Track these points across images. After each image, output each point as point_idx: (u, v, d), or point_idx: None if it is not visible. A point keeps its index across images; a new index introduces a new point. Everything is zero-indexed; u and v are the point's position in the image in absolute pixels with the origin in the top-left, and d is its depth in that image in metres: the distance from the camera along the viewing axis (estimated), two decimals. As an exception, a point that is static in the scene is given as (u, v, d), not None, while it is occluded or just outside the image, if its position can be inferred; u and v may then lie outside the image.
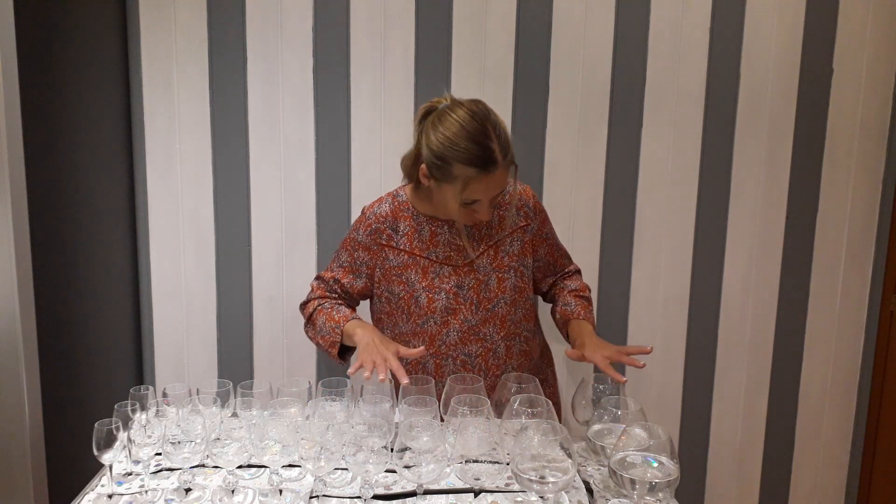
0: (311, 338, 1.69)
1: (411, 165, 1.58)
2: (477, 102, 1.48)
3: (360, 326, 1.56)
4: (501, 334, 1.61)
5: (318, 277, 1.71)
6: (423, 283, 1.59)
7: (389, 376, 1.38)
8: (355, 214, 2.13)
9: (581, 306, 1.69)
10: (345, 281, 1.66)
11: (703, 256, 2.17)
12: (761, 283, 2.18)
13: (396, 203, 1.63)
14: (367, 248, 1.62)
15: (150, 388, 1.35)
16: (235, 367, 2.21)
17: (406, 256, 1.60)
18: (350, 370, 1.43)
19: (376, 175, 2.12)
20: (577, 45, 2.06)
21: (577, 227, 2.14)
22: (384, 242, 1.61)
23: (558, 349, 1.86)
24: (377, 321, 1.70)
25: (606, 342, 1.54)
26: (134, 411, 1.26)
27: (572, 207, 2.13)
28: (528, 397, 1.30)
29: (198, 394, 1.34)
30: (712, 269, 2.18)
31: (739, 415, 2.24)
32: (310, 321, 1.68)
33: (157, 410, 1.31)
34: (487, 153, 1.41)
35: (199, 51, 2.06)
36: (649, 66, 2.07)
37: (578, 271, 1.79)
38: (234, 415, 1.32)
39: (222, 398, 1.36)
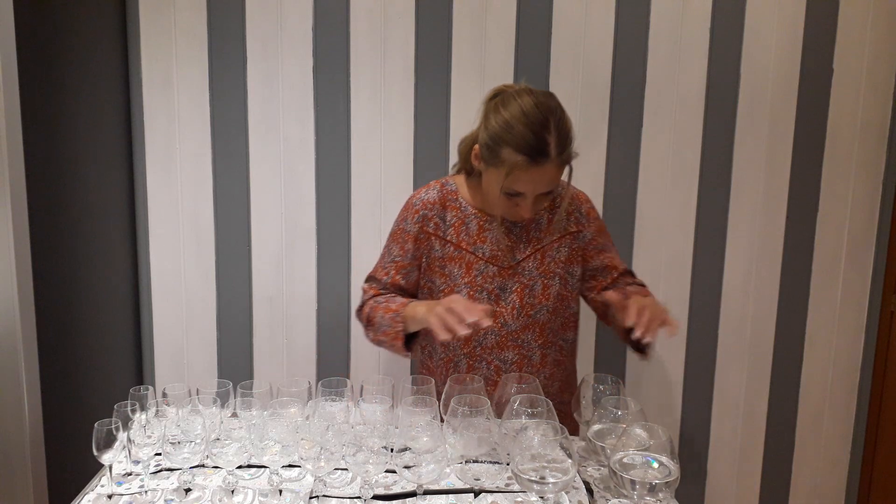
0: (373, 340, 1.57)
1: (467, 149, 1.52)
2: (548, 94, 1.42)
3: (422, 304, 1.46)
4: (539, 342, 1.56)
5: (369, 278, 1.62)
6: (466, 280, 1.53)
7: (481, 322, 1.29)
8: (355, 214, 2.13)
9: (643, 294, 1.56)
10: (398, 278, 1.57)
11: (704, 256, 2.17)
12: (761, 282, 2.18)
13: (445, 191, 1.57)
14: (415, 238, 1.55)
15: (150, 388, 1.35)
16: (235, 367, 2.21)
17: (451, 248, 1.54)
18: (441, 336, 1.31)
19: (376, 175, 2.12)
20: (577, 45, 2.06)
21: (577, 227, 2.14)
22: (431, 231, 1.55)
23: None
24: None
25: (656, 304, 1.39)
26: (134, 411, 1.26)
27: (572, 207, 2.13)
28: (529, 397, 1.30)
29: (197, 394, 1.34)
30: (712, 269, 2.17)
31: (739, 415, 2.24)
32: (369, 324, 1.56)
33: (157, 410, 1.31)
34: (541, 144, 1.35)
35: (198, 51, 2.06)
36: (649, 66, 2.07)
37: (642, 284, 1.66)
38: (234, 415, 1.32)
39: (222, 398, 1.36)
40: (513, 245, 1.54)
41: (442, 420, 1.31)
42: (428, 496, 1.23)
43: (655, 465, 1.15)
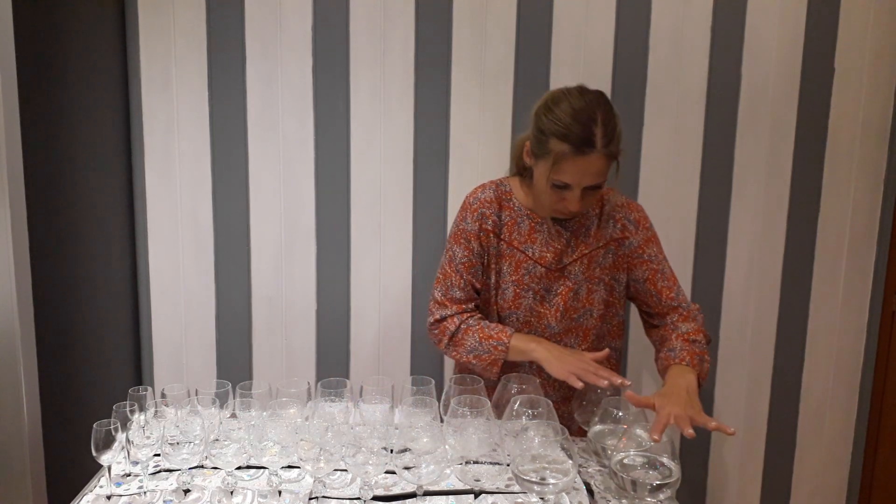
0: (454, 357, 1.58)
1: (519, 148, 1.55)
2: (598, 93, 1.46)
3: (534, 340, 1.49)
4: (583, 347, 1.58)
5: (443, 289, 1.58)
6: (513, 278, 1.56)
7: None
8: (355, 214, 2.13)
9: (688, 352, 1.48)
10: (469, 278, 1.57)
11: (704, 256, 2.16)
12: (762, 282, 2.18)
13: (500, 191, 1.60)
14: (476, 236, 1.57)
15: (149, 388, 1.35)
16: (234, 367, 2.21)
17: (504, 246, 1.57)
18: (629, 395, 1.33)
19: (376, 175, 2.11)
20: (577, 45, 2.05)
21: (577, 228, 2.14)
22: (490, 228, 1.57)
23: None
24: None
25: (689, 399, 1.34)
26: (132, 412, 1.25)
27: (573, 207, 2.13)
28: (529, 398, 1.30)
29: (196, 394, 1.34)
30: (713, 268, 2.17)
31: (740, 415, 2.24)
32: (452, 342, 1.56)
33: (156, 411, 1.30)
34: (586, 133, 1.37)
35: (198, 51, 2.06)
36: (650, 66, 2.06)
37: (698, 310, 1.60)
38: (233, 416, 1.32)
39: (221, 399, 1.35)
40: (561, 249, 1.56)
41: (442, 421, 1.30)
42: (428, 497, 1.23)
43: (656, 465, 1.14)
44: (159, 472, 1.32)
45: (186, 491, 1.25)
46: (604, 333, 1.60)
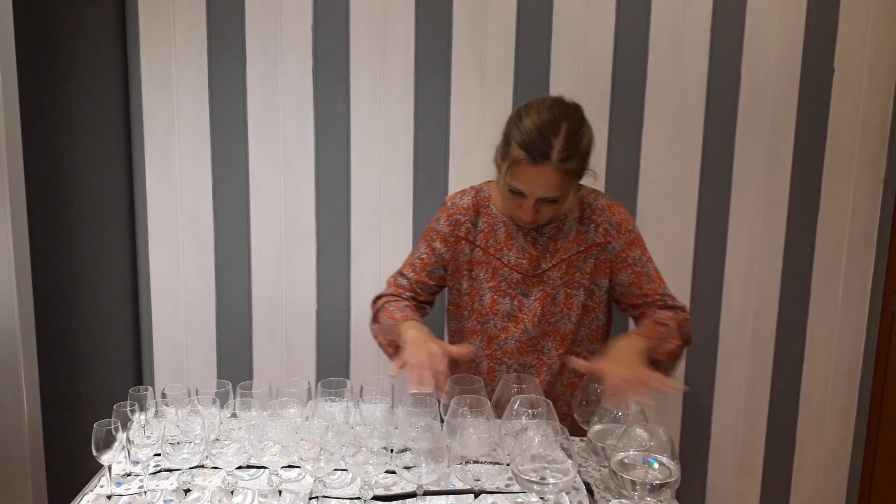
0: (374, 335, 1.62)
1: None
2: (574, 107, 1.43)
3: (414, 327, 1.48)
4: (560, 351, 1.58)
5: (396, 273, 1.66)
6: (490, 284, 1.57)
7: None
8: (355, 214, 2.13)
9: (650, 328, 1.48)
10: (422, 274, 1.61)
11: (704, 256, 2.16)
12: (762, 282, 2.18)
13: (479, 197, 1.61)
14: (444, 239, 1.60)
15: (150, 388, 1.35)
16: (234, 367, 2.21)
17: (480, 253, 1.58)
18: (392, 371, 1.35)
19: (376, 175, 2.11)
20: (577, 45, 2.05)
21: (577, 228, 2.14)
22: (462, 235, 1.59)
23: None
24: (447, 312, 1.69)
25: (637, 359, 1.34)
26: (133, 412, 1.25)
27: (572, 207, 2.13)
28: (529, 398, 1.30)
29: (197, 394, 1.34)
30: (713, 269, 2.17)
31: (740, 415, 2.24)
32: (375, 318, 1.62)
33: (157, 411, 1.30)
34: (543, 144, 1.36)
35: (198, 50, 2.06)
36: (650, 66, 2.06)
37: (683, 308, 1.56)
38: (234, 415, 1.32)
39: (221, 399, 1.35)
40: (539, 254, 1.56)
41: (442, 420, 1.30)
42: (428, 497, 1.23)
43: (656, 465, 1.15)
44: (160, 471, 1.32)
45: (187, 491, 1.25)
46: (582, 338, 1.59)
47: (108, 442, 1.19)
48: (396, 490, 1.26)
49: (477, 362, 1.62)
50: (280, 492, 1.23)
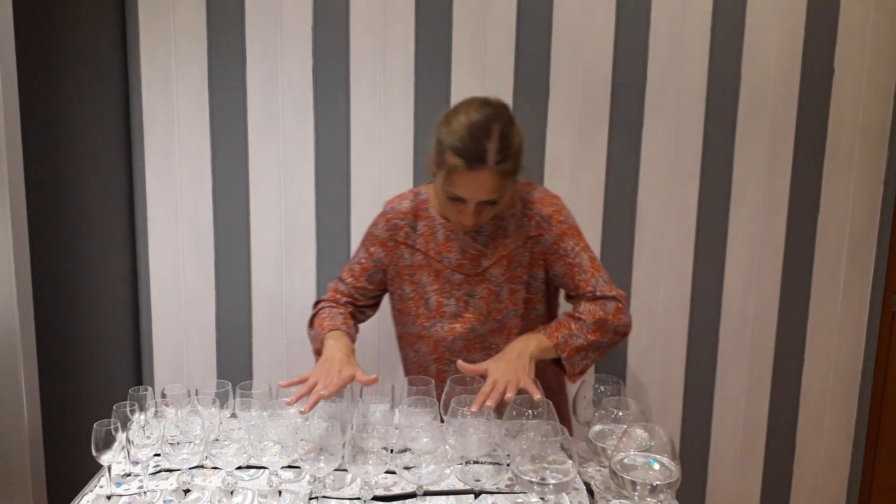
0: (310, 339, 1.66)
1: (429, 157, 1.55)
2: (500, 106, 1.44)
3: (333, 339, 1.50)
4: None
5: (338, 279, 1.68)
6: (434, 287, 1.57)
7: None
8: (355, 214, 2.13)
9: (558, 324, 1.49)
10: (360, 279, 1.63)
11: (704, 257, 2.16)
12: (762, 283, 2.18)
13: (418, 201, 1.61)
14: (383, 244, 1.60)
15: (149, 388, 1.35)
16: (234, 367, 2.21)
17: (420, 257, 1.58)
18: (283, 382, 1.35)
19: (376, 175, 2.11)
20: (577, 45, 2.05)
21: (577, 228, 2.14)
22: (401, 240, 1.59)
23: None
24: (393, 318, 1.69)
25: (519, 362, 1.36)
26: (133, 412, 1.25)
27: (572, 207, 2.11)
28: (529, 398, 1.30)
29: (197, 394, 1.34)
30: (713, 269, 2.17)
31: (740, 415, 2.24)
32: (311, 323, 1.66)
33: (156, 411, 1.30)
34: (478, 149, 1.36)
35: (198, 50, 2.06)
36: (649, 66, 2.06)
37: (615, 298, 1.52)
38: (234, 415, 1.32)
39: (221, 399, 1.35)
40: (479, 253, 1.56)
41: (442, 421, 1.30)
42: (428, 497, 1.23)
43: (656, 465, 1.15)
44: (159, 471, 1.32)
45: (186, 491, 1.25)
46: (525, 330, 1.58)
47: (107, 442, 1.19)
48: (396, 490, 1.26)
49: (425, 366, 1.62)
50: (280, 492, 1.23)
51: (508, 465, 1.19)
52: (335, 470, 1.22)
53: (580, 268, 1.54)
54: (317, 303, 1.68)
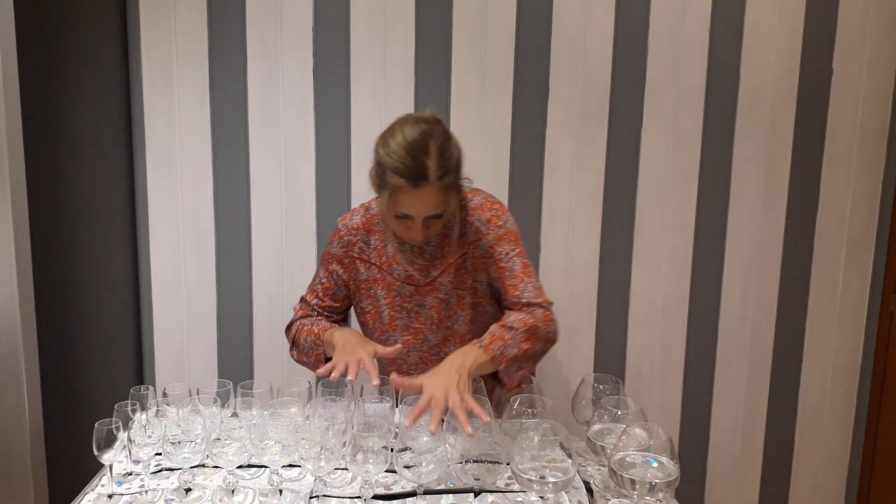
0: (297, 360, 1.65)
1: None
2: (434, 122, 1.44)
3: (339, 330, 1.55)
4: None
5: (301, 300, 1.69)
6: (386, 301, 1.59)
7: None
8: (355, 214, 2.13)
9: (492, 336, 1.44)
10: (325, 299, 1.65)
11: (703, 256, 2.17)
12: (761, 282, 2.18)
13: (368, 216, 1.62)
14: (340, 261, 1.62)
15: (151, 387, 1.35)
16: (235, 366, 2.21)
17: (375, 270, 1.60)
18: (320, 370, 1.42)
19: (376, 175, 2.11)
20: (577, 45, 2.06)
21: (576, 228, 2.14)
22: (356, 255, 1.61)
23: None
24: None
25: (457, 378, 1.30)
26: (134, 411, 1.26)
27: (572, 207, 2.13)
28: (529, 397, 1.30)
29: (198, 394, 1.34)
30: (712, 269, 2.17)
31: (739, 415, 2.24)
32: (294, 344, 1.65)
33: (158, 410, 1.31)
34: (419, 167, 1.38)
35: (199, 50, 2.06)
36: (649, 66, 2.07)
37: (541, 305, 1.50)
38: (235, 415, 1.32)
39: (222, 398, 1.36)
40: (427, 263, 1.57)
41: (442, 420, 1.31)
42: (428, 496, 1.23)
43: (655, 464, 1.15)
44: (161, 470, 1.32)
45: (188, 490, 1.25)
46: (477, 333, 1.57)
47: (109, 441, 1.20)
48: (396, 489, 1.26)
49: (382, 380, 1.61)
50: (281, 491, 1.24)
51: (508, 464, 1.19)
52: (336, 469, 1.22)
53: (511, 272, 1.53)
54: (289, 326, 1.67)
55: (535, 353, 1.50)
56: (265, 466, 1.29)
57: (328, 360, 1.56)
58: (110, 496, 1.24)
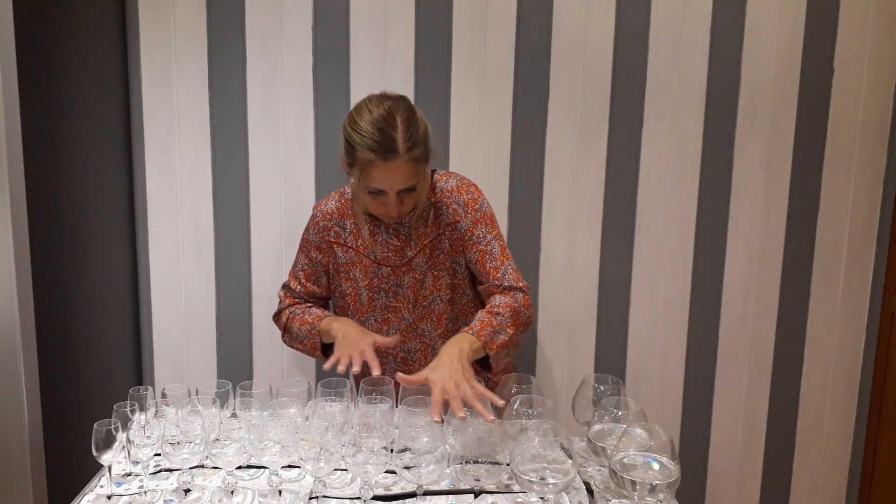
0: (289, 345, 1.72)
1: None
2: (399, 98, 1.49)
3: (336, 320, 1.61)
4: (439, 331, 1.65)
5: (283, 286, 1.73)
6: (365, 282, 1.63)
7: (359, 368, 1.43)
8: (355, 214, 2.13)
9: (482, 322, 1.49)
10: (308, 284, 1.69)
11: (704, 256, 2.16)
12: (762, 283, 2.18)
13: (343, 200, 1.66)
14: (318, 247, 1.66)
15: (150, 388, 1.35)
16: (235, 367, 2.21)
17: (353, 254, 1.64)
18: (326, 364, 1.46)
19: (376, 175, 2.11)
20: (577, 45, 2.05)
21: (577, 227, 2.14)
22: (332, 240, 1.65)
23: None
24: (335, 314, 1.73)
25: (461, 367, 1.34)
26: (133, 412, 1.25)
27: (572, 207, 2.13)
28: (528, 398, 1.30)
29: (197, 394, 1.34)
30: (713, 269, 2.17)
31: (740, 415, 2.24)
32: (286, 331, 1.71)
33: (157, 411, 1.30)
34: (388, 140, 1.41)
35: (198, 50, 2.06)
36: (649, 66, 2.07)
37: (521, 289, 1.56)
38: (234, 415, 1.32)
39: (221, 399, 1.35)
40: (402, 244, 1.61)
41: (442, 421, 1.30)
42: (428, 497, 1.23)
43: (656, 465, 1.15)
44: (160, 471, 1.32)
45: (187, 490, 1.25)
46: (456, 314, 1.65)
47: (108, 442, 1.19)
48: (396, 490, 1.26)
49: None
50: (280, 492, 1.23)
51: (508, 465, 1.19)
52: (335, 469, 1.22)
53: (491, 255, 1.58)
54: (278, 313, 1.73)
55: (518, 338, 1.56)
56: (264, 467, 1.29)
57: (324, 346, 1.64)
58: (109, 497, 1.23)
